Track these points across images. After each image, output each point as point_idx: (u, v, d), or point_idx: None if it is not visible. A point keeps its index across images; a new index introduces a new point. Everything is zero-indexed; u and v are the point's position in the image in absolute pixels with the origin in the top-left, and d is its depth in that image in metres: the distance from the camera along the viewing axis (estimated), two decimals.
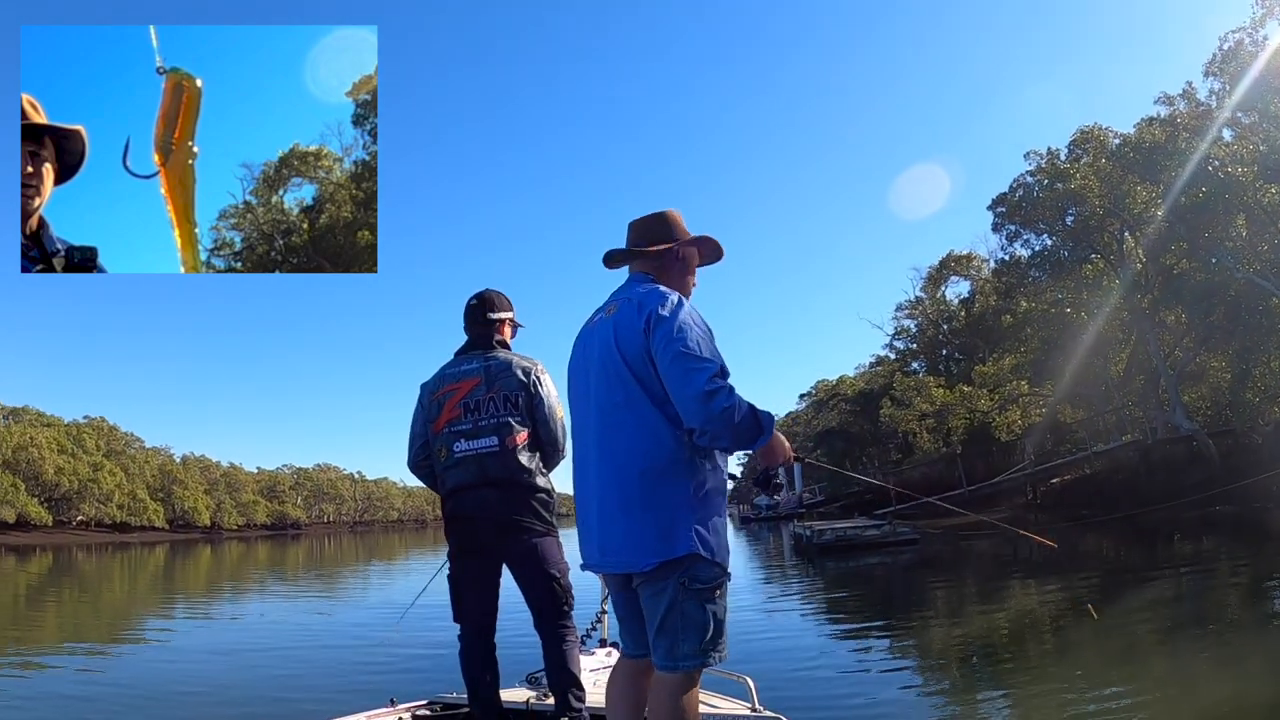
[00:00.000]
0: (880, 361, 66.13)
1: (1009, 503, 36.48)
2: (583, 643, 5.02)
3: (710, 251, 3.11)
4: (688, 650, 2.56)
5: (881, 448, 62.11)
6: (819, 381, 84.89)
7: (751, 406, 2.52)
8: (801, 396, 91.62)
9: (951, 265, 49.80)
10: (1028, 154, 34.82)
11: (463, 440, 3.82)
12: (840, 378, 77.21)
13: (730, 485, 2.79)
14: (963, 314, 49.05)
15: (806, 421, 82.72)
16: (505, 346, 4.09)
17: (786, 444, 2.74)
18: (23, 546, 55.01)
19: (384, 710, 4.21)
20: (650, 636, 2.65)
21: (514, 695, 4.30)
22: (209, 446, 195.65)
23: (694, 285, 3.05)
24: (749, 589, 16.25)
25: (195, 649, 11.21)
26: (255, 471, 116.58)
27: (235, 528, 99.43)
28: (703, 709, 4.17)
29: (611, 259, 3.05)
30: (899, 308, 55.11)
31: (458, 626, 3.87)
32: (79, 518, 79.33)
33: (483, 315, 4.06)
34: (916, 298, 53.41)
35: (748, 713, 4.13)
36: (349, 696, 6.21)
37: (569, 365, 3.03)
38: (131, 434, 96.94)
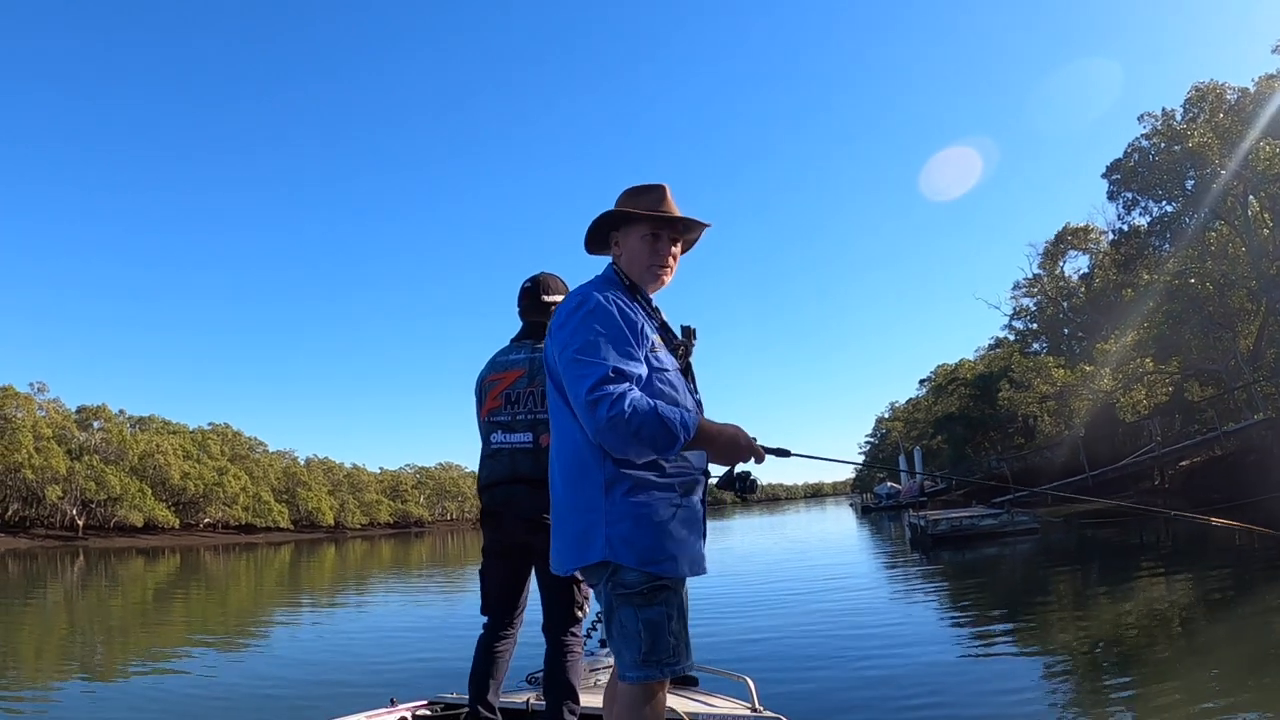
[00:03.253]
0: (999, 343, 64.36)
1: (1135, 487, 34.70)
2: (585, 640, 5.07)
3: (652, 204, 2.66)
4: (628, 661, 2.41)
5: (1002, 432, 60.19)
6: (938, 366, 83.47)
7: (654, 410, 2.26)
8: (921, 382, 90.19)
9: (1068, 239, 47.66)
10: (1141, 116, 33.19)
11: (500, 432, 3.75)
12: (960, 361, 75.66)
13: (695, 480, 2.54)
14: (1082, 290, 46.94)
15: (927, 408, 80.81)
16: None
17: (742, 440, 2.46)
18: (151, 549, 57.26)
19: (384, 710, 4.24)
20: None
21: (514, 696, 4.32)
22: (332, 449, 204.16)
23: (645, 256, 2.66)
24: (843, 582, 15.65)
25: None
26: (378, 472, 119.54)
27: (359, 526, 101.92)
28: (703, 709, 4.19)
29: (589, 249, 2.86)
30: (1016, 286, 52.98)
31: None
32: (205, 520, 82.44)
33: (536, 299, 3.91)
34: (1034, 275, 51.39)
35: (748, 713, 4.14)
36: (349, 697, 6.23)
37: None
38: (255, 438, 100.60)
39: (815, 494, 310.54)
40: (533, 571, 3.76)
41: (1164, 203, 33.58)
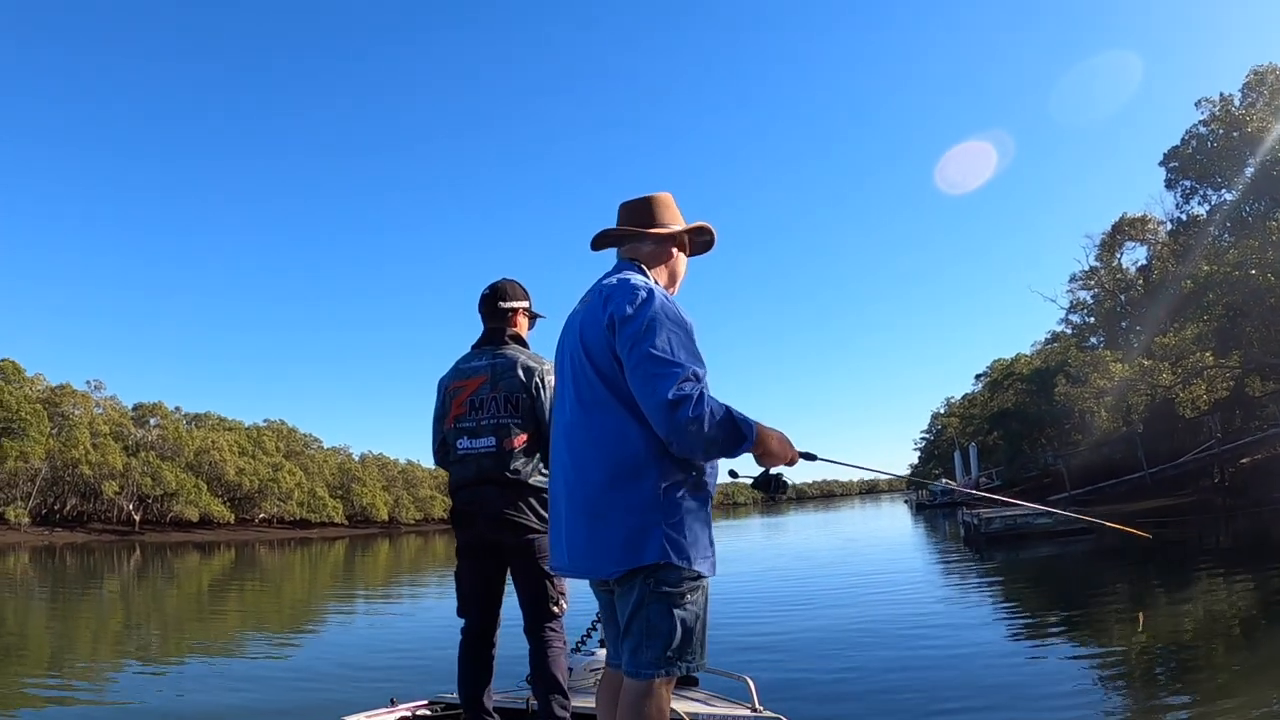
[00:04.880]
0: (1056, 337, 63.15)
1: (1195, 485, 33.87)
2: (583, 643, 5.18)
3: (703, 241, 2.98)
4: (649, 658, 2.40)
5: (1058, 428, 59.08)
6: (995, 361, 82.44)
7: (728, 412, 2.33)
8: (977, 377, 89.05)
9: (1125, 229, 46.52)
10: (1199, 102, 32.35)
11: (465, 438, 3.83)
12: (1016, 356, 74.59)
13: (716, 482, 2.62)
14: (1140, 282, 45.83)
15: (983, 403, 79.67)
16: (518, 339, 4.02)
17: (788, 445, 2.55)
18: (207, 543, 58.32)
19: (384, 710, 4.32)
20: (620, 640, 2.52)
21: (514, 696, 4.38)
22: (387, 445, 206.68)
23: (682, 276, 2.90)
24: (891, 578, 15.33)
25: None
26: (433, 469, 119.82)
27: (412, 522, 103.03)
28: (703, 709, 4.17)
29: (598, 241, 2.88)
30: (1073, 279, 51.91)
31: (461, 623, 3.87)
32: (260, 515, 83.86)
33: (494, 305, 4.00)
34: (1091, 267, 50.29)
35: (748, 713, 4.18)
36: (349, 696, 6.21)
37: (555, 359, 2.87)
38: (310, 435, 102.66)
39: (870, 490, 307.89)
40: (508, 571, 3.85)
41: (1223, 190, 32.71)
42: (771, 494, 2.61)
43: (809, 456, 2.67)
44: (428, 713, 4.36)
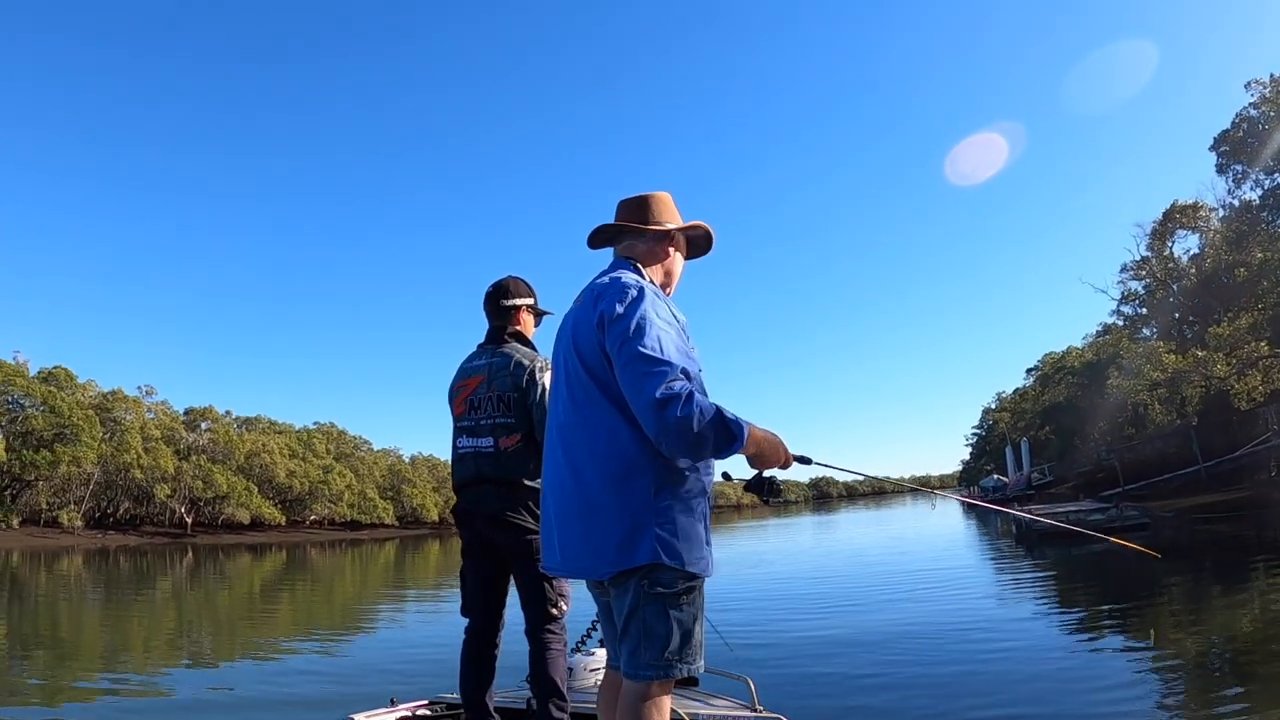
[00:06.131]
0: (1107, 330, 62.00)
1: (1251, 479, 32.95)
2: (583, 643, 5.19)
3: (700, 241, 2.98)
4: (647, 659, 2.39)
5: (1111, 422, 58.06)
6: (1045, 354, 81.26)
7: (718, 412, 2.29)
8: (1028, 371, 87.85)
9: (1176, 216, 45.51)
10: (1249, 84, 31.59)
11: (465, 436, 3.87)
12: (1067, 349, 73.33)
13: (712, 482, 2.59)
14: (1193, 271, 44.85)
15: (1034, 397, 78.58)
16: (519, 336, 4.03)
17: (780, 448, 2.52)
18: (259, 545, 58.97)
19: (384, 710, 4.35)
20: (618, 641, 2.52)
21: (514, 696, 4.39)
22: (437, 447, 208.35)
23: (679, 275, 2.91)
24: (941, 576, 15.14)
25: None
26: None
27: None
28: (703, 709, 4.13)
29: (595, 239, 2.87)
30: (1123, 269, 50.86)
31: (464, 622, 3.88)
32: (311, 517, 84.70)
33: (496, 303, 4.03)
34: (1142, 257, 49.30)
35: (748, 713, 4.19)
36: (349, 696, 6.23)
37: (551, 358, 2.90)
38: (360, 437, 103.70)
39: (922, 486, 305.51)
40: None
41: (1276, 174, 31.87)
42: (764, 497, 2.58)
43: (803, 460, 2.65)
44: (428, 713, 4.39)
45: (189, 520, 72.18)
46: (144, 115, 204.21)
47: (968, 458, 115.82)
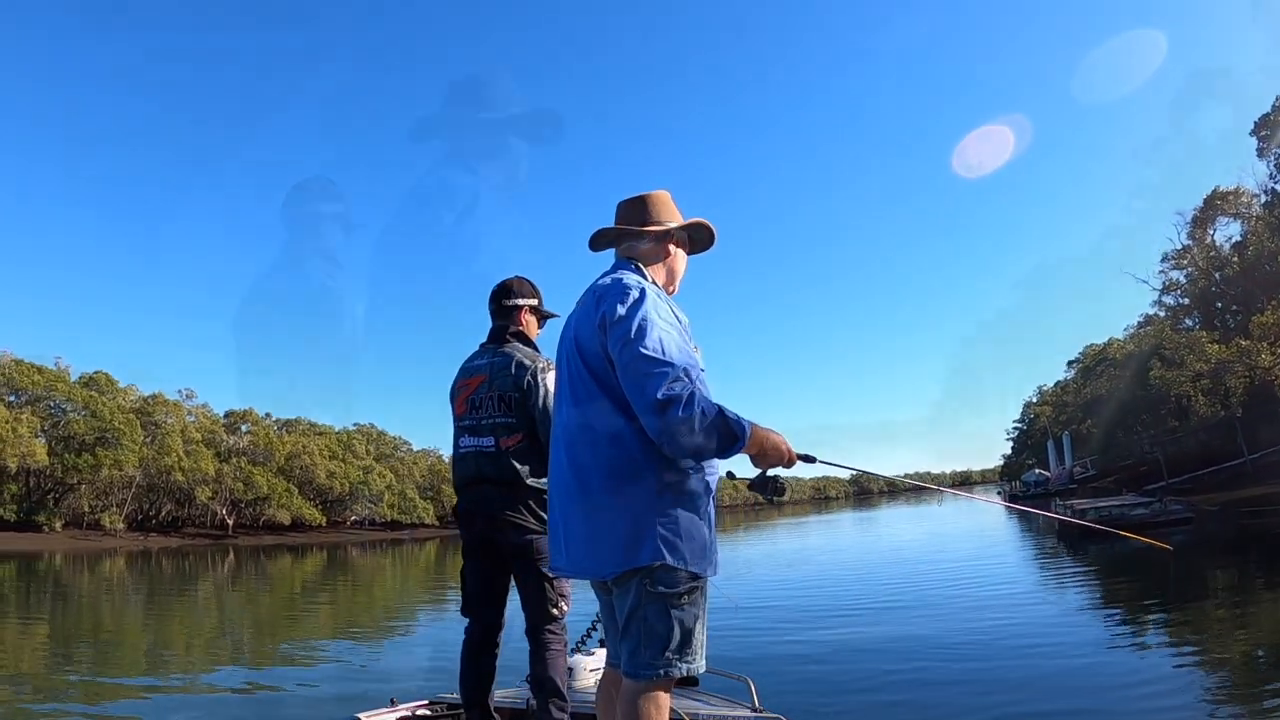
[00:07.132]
0: (1149, 320, 61.07)
1: None
2: (583, 642, 5.22)
3: (702, 238, 2.97)
4: (648, 658, 2.40)
5: (1154, 414, 57.23)
6: (1087, 346, 79.95)
7: (720, 412, 2.31)
8: (1070, 364, 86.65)
9: (1217, 204, 44.70)
10: None
11: (467, 436, 3.87)
12: (1109, 341, 72.25)
13: (716, 482, 2.60)
14: (1235, 259, 44.03)
15: (1076, 390, 77.66)
16: (521, 336, 4.03)
17: (784, 447, 2.50)
18: (300, 546, 59.46)
19: (384, 710, 4.37)
20: (618, 639, 2.52)
21: (514, 696, 4.39)
22: None
23: (682, 273, 2.90)
24: (984, 572, 14.96)
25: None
26: None
27: None
28: (703, 709, 4.25)
29: (596, 241, 2.88)
30: (1165, 258, 50.05)
31: (465, 622, 3.87)
32: (352, 518, 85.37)
33: (499, 303, 4.06)
34: (1183, 246, 48.50)
35: (748, 713, 4.21)
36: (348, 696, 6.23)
37: (555, 359, 2.87)
38: (400, 438, 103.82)
39: (963, 482, 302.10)
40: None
41: None
42: (768, 496, 2.59)
43: (807, 459, 2.61)
44: (428, 713, 4.41)
45: (230, 522, 73.10)
46: (177, 118, 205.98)
47: (1009, 452, 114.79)
